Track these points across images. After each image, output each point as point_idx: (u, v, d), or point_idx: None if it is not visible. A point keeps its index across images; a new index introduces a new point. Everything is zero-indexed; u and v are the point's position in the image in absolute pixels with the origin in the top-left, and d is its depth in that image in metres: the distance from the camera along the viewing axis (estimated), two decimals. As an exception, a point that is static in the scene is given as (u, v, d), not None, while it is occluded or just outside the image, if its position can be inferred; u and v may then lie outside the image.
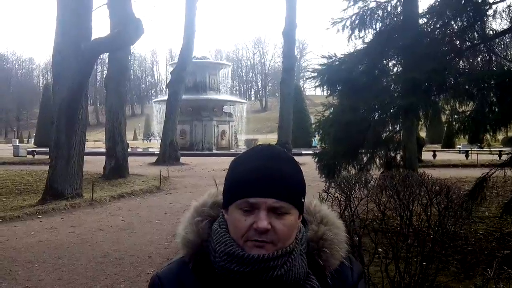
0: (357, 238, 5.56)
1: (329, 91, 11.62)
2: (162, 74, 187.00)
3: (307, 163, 13.03)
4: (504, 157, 14.82)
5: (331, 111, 11.61)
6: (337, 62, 11.20)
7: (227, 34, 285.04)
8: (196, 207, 1.82)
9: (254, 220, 1.61)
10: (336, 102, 11.90)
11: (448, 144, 51.06)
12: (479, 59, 11.54)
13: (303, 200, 1.72)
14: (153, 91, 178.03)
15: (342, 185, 5.92)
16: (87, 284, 7.83)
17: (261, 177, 1.65)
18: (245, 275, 1.62)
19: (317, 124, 11.73)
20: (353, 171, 10.74)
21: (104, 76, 31.49)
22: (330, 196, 5.86)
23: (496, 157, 30.36)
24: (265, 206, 1.61)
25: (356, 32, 11.61)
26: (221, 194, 1.78)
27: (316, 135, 14.35)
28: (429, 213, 5.52)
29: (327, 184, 6.57)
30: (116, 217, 13.92)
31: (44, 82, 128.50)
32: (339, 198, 5.83)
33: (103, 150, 29.48)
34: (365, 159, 11.49)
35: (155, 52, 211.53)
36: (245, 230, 1.63)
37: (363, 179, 6.10)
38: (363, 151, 11.57)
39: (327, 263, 1.74)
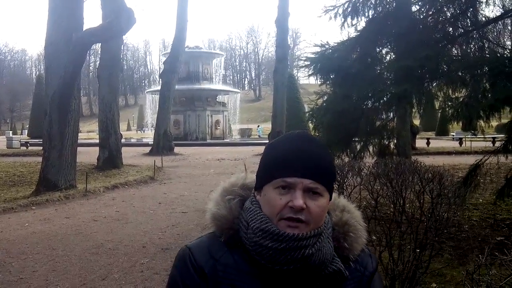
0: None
1: (322, 80, 11.59)
2: (155, 64, 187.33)
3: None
4: (497, 144, 14.84)
5: (324, 99, 11.58)
6: (329, 51, 11.14)
7: (220, 24, 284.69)
8: (225, 187, 1.89)
9: (290, 199, 1.68)
10: (329, 90, 11.87)
11: (442, 132, 51.28)
12: (472, 45, 11.51)
13: (334, 184, 1.82)
14: (146, 81, 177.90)
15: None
16: (81, 274, 7.82)
17: (299, 158, 1.71)
18: (278, 252, 1.66)
19: (310, 112, 11.71)
20: (346, 159, 10.73)
21: (97, 67, 31.40)
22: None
23: (490, 144, 30.50)
24: (302, 186, 1.68)
25: (349, 19, 11.54)
26: (250, 178, 1.90)
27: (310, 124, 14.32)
28: (422, 200, 5.53)
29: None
30: (110, 208, 13.90)
31: (37, 73, 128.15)
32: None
33: (97, 141, 29.45)
34: (358, 147, 11.48)
35: (148, 42, 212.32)
36: (280, 208, 1.69)
37: (356, 167, 6.10)
38: (357, 139, 11.55)
39: (352, 247, 1.82)
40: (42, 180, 16.40)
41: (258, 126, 73.87)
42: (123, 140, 29.68)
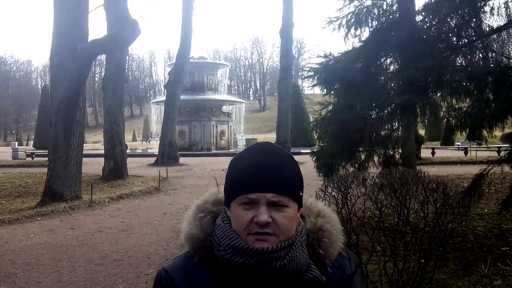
0: (354, 237, 5.57)
1: (326, 90, 11.62)
2: (160, 74, 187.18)
3: (306, 162, 13.03)
4: (502, 154, 14.84)
5: (328, 109, 11.61)
6: (333, 61, 11.18)
7: (225, 34, 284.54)
8: (198, 205, 1.90)
9: (255, 214, 1.68)
10: (333, 100, 11.90)
11: (447, 141, 51.18)
12: (475, 55, 11.53)
13: (301, 194, 1.80)
14: (151, 92, 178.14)
15: (339, 183, 5.92)
16: (86, 285, 7.82)
17: (259, 173, 1.72)
18: (250, 267, 1.67)
19: (315, 123, 11.74)
20: (351, 170, 10.73)
21: (102, 77, 31.50)
22: (327, 194, 5.87)
23: (495, 153, 30.43)
24: (265, 201, 1.68)
25: (352, 30, 11.60)
26: (222, 192, 1.87)
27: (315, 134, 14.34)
28: (426, 211, 5.52)
29: (325, 182, 6.58)
30: (115, 219, 13.92)
31: (43, 84, 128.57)
32: (336, 197, 5.84)
33: (102, 151, 29.48)
34: (362, 157, 11.49)
35: (153, 52, 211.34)
36: (247, 224, 1.69)
37: (360, 177, 6.11)
38: (361, 149, 11.57)
39: (327, 252, 1.82)
40: (48, 190, 16.42)
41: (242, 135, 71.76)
42: (128, 151, 29.68)
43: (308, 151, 16.82)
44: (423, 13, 11.70)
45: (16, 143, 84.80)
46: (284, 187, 1.72)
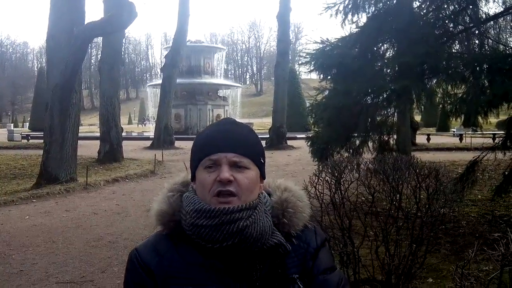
0: (347, 221, 5.61)
1: (322, 76, 11.63)
2: (157, 57, 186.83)
3: (301, 147, 13.13)
4: (497, 140, 14.91)
5: (324, 95, 11.62)
6: (330, 47, 11.18)
7: (222, 18, 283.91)
8: (167, 187, 1.97)
9: (218, 174, 1.76)
10: (329, 86, 11.90)
11: (443, 128, 51.14)
12: (472, 42, 11.54)
13: (262, 160, 1.89)
14: (148, 75, 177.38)
15: (333, 168, 5.96)
16: (81, 267, 7.88)
17: (220, 136, 1.83)
18: (213, 228, 1.72)
19: (310, 108, 11.76)
20: (346, 155, 10.76)
21: (98, 60, 31.43)
22: (321, 179, 5.91)
23: (490, 140, 30.44)
24: (226, 160, 1.78)
25: (350, 16, 11.58)
26: (189, 175, 1.93)
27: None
28: (418, 196, 5.57)
29: (319, 167, 6.62)
30: (110, 201, 13.97)
31: (39, 66, 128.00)
32: (330, 182, 5.87)
33: (98, 134, 29.46)
34: (357, 142, 11.53)
35: (149, 35, 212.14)
36: (210, 185, 1.77)
37: (354, 162, 6.14)
38: (356, 135, 11.60)
39: (291, 222, 1.87)
40: (43, 173, 16.46)
41: None
42: (124, 134, 29.72)
43: (304, 136, 16.84)
44: (420, 0, 11.71)
45: (12, 125, 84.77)
46: (244, 149, 1.81)
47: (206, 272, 1.75)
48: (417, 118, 38.74)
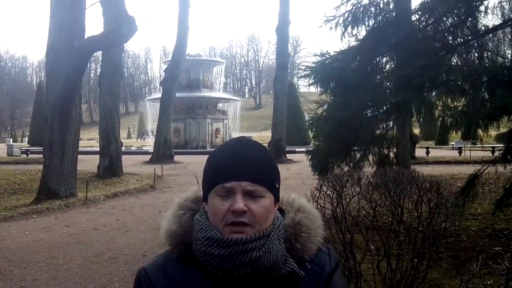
0: (349, 235, 5.60)
1: (322, 89, 11.65)
2: (156, 71, 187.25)
3: (301, 161, 13.12)
4: (497, 153, 14.90)
5: (324, 108, 11.64)
6: (329, 60, 11.21)
7: (221, 31, 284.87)
8: (178, 203, 1.90)
9: (231, 203, 1.70)
10: (329, 99, 11.92)
11: (442, 141, 51.28)
12: (471, 55, 11.57)
13: (277, 185, 1.82)
14: (147, 89, 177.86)
15: (334, 182, 5.95)
16: (81, 283, 7.86)
17: (235, 162, 1.75)
18: (225, 258, 1.68)
19: (310, 121, 11.76)
20: (346, 169, 10.77)
21: (98, 74, 31.52)
22: (322, 193, 5.90)
23: (489, 153, 30.51)
24: (240, 189, 1.71)
25: (349, 29, 11.60)
26: (201, 191, 1.87)
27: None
28: (419, 210, 5.56)
29: (320, 181, 6.61)
30: (110, 216, 13.94)
31: (38, 80, 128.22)
32: (331, 196, 5.87)
33: (97, 149, 29.46)
34: (358, 156, 11.53)
35: (149, 49, 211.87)
36: (223, 214, 1.71)
37: (355, 176, 6.14)
38: (356, 148, 11.60)
39: (305, 247, 1.81)
40: (43, 188, 16.44)
41: None
42: (123, 148, 29.70)
43: (303, 149, 16.86)
44: (419, 12, 11.71)
45: (11, 139, 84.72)
46: (259, 176, 1.75)
47: None
48: (416, 131, 38.73)
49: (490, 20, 14.64)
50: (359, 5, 11.86)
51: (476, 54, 11.46)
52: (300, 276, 1.76)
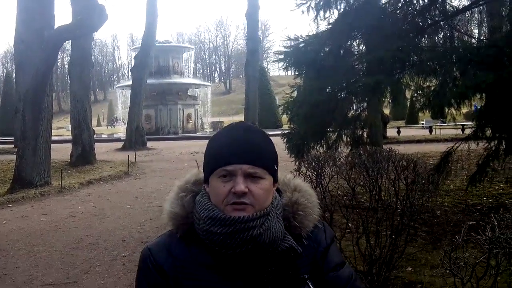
0: (328, 214, 5.73)
1: (296, 73, 11.73)
2: (123, 58, 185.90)
3: (275, 144, 13.09)
4: (467, 131, 15.15)
5: (300, 92, 11.73)
6: (303, 44, 11.29)
7: (189, 17, 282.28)
8: (179, 185, 2.00)
9: (233, 185, 1.80)
10: (304, 83, 12.02)
11: (412, 120, 51.87)
12: (441, 36, 11.75)
13: (276, 167, 1.93)
14: (115, 76, 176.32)
15: (313, 163, 6.08)
16: (64, 269, 7.90)
17: (236, 146, 1.85)
18: (228, 236, 1.78)
19: (286, 105, 11.84)
20: (321, 150, 10.89)
21: (66, 63, 31.23)
22: (302, 174, 6.02)
23: (459, 131, 30.96)
24: (241, 172, 1.81)
25: (321, 13, 11.64)
26: (202, 172, 1.97)
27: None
28: (397, 188, 5.71)
29: (298, 163, 6.73)
30: (86, 204, 13.94)
31: (5, 71, 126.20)
32: (310, 176, 5.99)
33: (68, 137, 29.28)
34: (333, 137, 11.66)
35: (116, 36, 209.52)
36: (225, 195, 1.81)
37: (333, 156, 6.27)
38: (331, 130, 11.73)
39: (302, 224, 1.93)
40: (17, 177, 16.35)
41: None
42: (95, 136, 29.54)
43: (276, 132, 16.94)
44: (389, -5, 11.85)
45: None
46: (259, 159, 1.84)
47: (218, 274, 1.82)
48: (386, 111, 39.04)
49: (459, 1, 14.84)
50: (331, -12, 11.93)
51: (446, 35, 11.64)
52: (298, 251, 1.86)
